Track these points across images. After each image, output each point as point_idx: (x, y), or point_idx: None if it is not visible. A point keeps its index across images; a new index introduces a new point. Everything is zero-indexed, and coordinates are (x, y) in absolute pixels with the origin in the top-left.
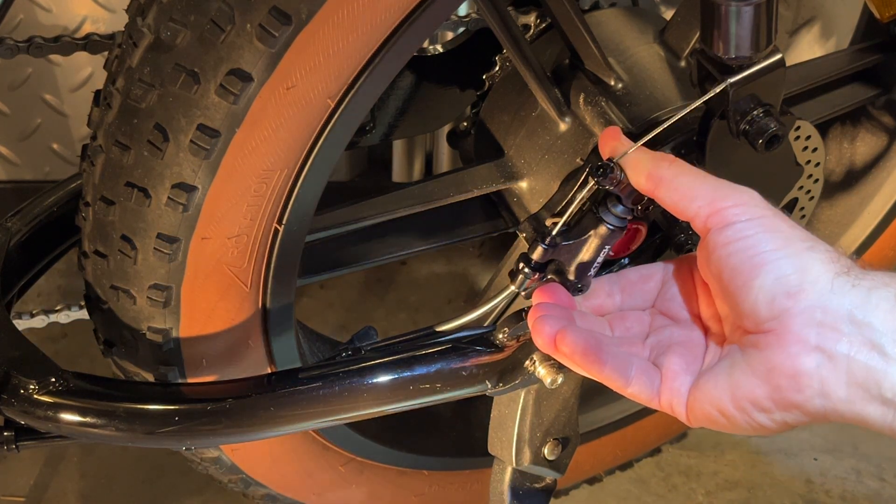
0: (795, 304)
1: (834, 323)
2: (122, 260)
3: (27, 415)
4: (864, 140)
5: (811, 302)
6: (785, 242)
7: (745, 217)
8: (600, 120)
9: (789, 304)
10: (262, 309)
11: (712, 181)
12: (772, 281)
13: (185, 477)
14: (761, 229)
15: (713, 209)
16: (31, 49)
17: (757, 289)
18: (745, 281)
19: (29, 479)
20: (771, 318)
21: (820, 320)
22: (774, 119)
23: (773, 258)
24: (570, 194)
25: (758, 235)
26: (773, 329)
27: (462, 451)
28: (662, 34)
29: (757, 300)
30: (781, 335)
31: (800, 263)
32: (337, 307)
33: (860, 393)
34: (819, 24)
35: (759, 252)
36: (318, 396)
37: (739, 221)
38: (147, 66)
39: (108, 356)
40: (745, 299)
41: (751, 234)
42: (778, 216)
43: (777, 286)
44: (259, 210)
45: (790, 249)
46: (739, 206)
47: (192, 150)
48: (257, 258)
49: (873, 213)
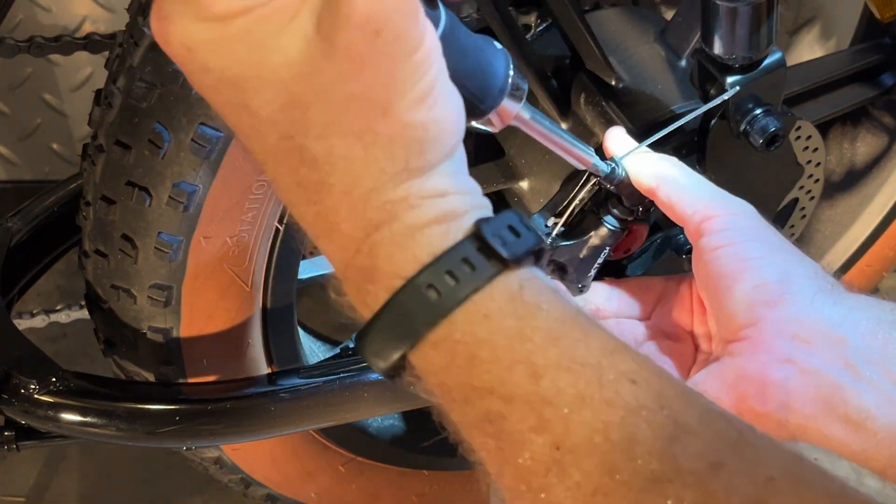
0: (773, 314)
1: (809, 336)
2: (122, 259)
3: (27, 415)
4: (864, 140)
5: (789, 313)
6: (771, 251)
7: (736, 225)
8: (601, 120)
9: (766, 312)
10: (263, 309)
11: (710, 189)
12: (752, 287)
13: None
14: (749, 237)
15: (706, 215)
16: (31, 49)
17: (737, 293)
18: (727, 285)
19: (29, 479)
20: (748, 325)
21: (795, 332)
22: (775, 119)
23: (757, 265)
24: (572, 195)
25: (745, 242)
26: (748, 337)
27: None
28: (663, 34)
29: (736, 306)
30: (755, 343)
31: (783, 273)
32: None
33: (824, 410)
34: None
35: (745, 258)
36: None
37: (729, 228)
38: (148, 66)
39: (109, 356)
40: (726, 304)
41: (738, 240)
42: (769, 229)
43: (756, 293)
44: (260, 210)
45: (775, 258)
46: (732, 215)
47: (193, 150)
48: (258, 258)
49: (874, 214)
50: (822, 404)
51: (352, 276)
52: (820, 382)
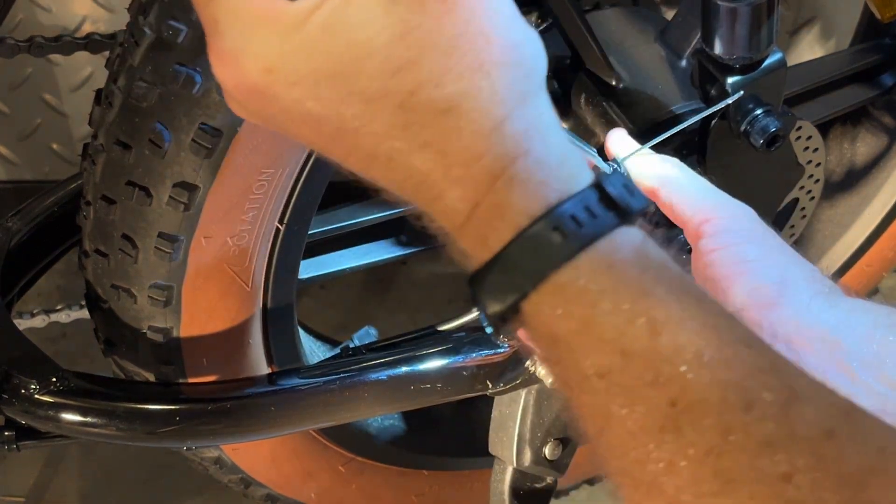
0: (769, 316)
1: (805, 339)
2: (122, 259)
3: (28, 414)
4: (864, 140)
5: (786, 315)
6: (769, 254)
7: (734, 227)
8: (601, 120)
9: (763, 314)
10: (263, 308)
11: (711, 191)
12: (749, 289)
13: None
14: (748, 240)
15: (705, 217)
16: (31, 48)
17: (734, 295)
18: (725, 286)
19: (29, 479)
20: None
21: (792, 335)
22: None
23: (754, 267)
24: None
25: (743, 245)
26: None
27: (462, 451)
28: (663, 34)
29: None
30: None
31: (781, 276)
32: (337, 307)
33: None
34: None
35: (742, 260)
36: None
37: (728, 231)
38: (149, 65)
39: (109, 356)
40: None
41: (736, 242)
42: (768, 232)
43: (754, 295)
44: (260, 209)
45: (773, 261)
46: (730, 217)
47: (193, 150)
48: (258, 258)
49: (874, 214)
50: None
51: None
52: None
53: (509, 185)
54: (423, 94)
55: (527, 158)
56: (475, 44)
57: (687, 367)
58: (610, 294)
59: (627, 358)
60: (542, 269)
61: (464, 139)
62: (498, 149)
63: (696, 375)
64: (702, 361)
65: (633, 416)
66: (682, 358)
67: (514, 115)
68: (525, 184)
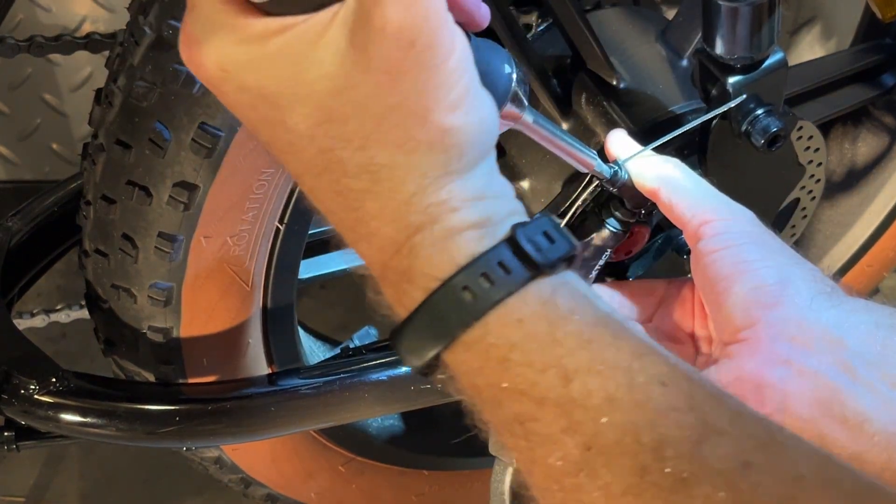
0: (770, 315)
1: (807, 338)
2: (122, 259)
3: (28, 415)
4: (865, 140)
5: (787, 315)
6: (769, 255)
7: (734, 229)
8: (602, 120)
9: (764, 314)
10: (263, 308)
11: (711, 193)
12: (750, 288)
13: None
14: (747, 241)
15: (705, 219)
16: (31, 48)
17: (735, 295)
18: (725, 287)
19: (29, 479)
20: (746, 327)
21: (794, 334)
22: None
23: (755, 268)
24: (573, 196)
25: (743, 246)
26: (746, 338)
27: (462, 451)
28: (664, 34)
29: (734, 307)
30: (752, 345)
31: (781, 276)
32: (337, 307)
33: (821, 412)
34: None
35: (742, 261)
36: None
37: (728, 232)
38: (149, 65)
39: (109, 356)
40: (724, 306)
41: (736, 243)
42: (767, 233)
43: (755, 294)
44: (260, 209)
45: (773, 261)
46: (730, 219)
47: (193, 149)
48: (258, 257)
49: (874, 214)
50: (819, 406)
51: (390, 276)
52: (817, 384)
53: (413, 253)
54: (345, 150)
55: (433, 229)
56: (407, 120)
57: (599, 411)
58: (520, 348)
59: (542, 406)
60: (452, 330)
61: (375, 202)
62: (402, 220)
63: (609, 419)
64: (614, 405)
65: (552, 459)
66: (594, 403)
67: (427, 192)
68: (430, 250)
